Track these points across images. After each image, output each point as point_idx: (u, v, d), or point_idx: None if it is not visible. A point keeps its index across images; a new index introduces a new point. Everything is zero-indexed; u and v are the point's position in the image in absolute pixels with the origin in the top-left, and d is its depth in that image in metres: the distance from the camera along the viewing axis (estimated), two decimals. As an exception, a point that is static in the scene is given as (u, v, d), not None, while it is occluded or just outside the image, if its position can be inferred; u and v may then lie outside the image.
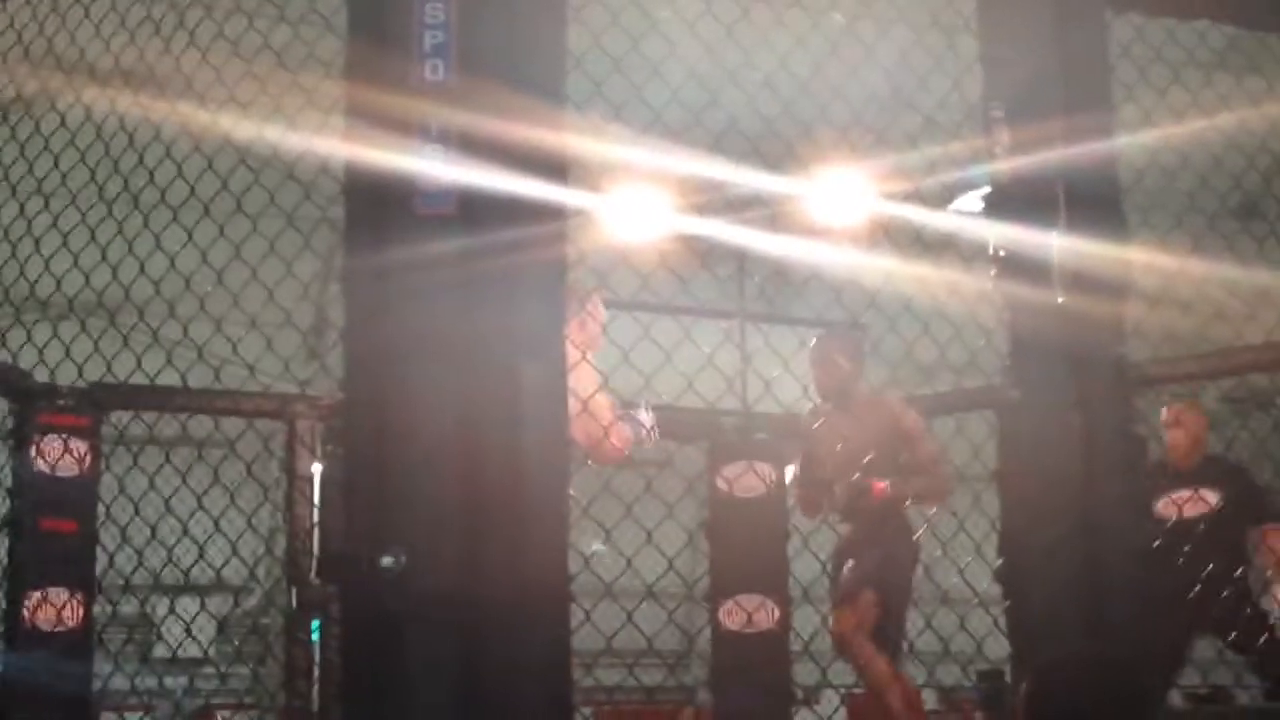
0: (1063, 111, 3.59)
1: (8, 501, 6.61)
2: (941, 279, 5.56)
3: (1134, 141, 4.31)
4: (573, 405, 6.06)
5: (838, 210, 8.60)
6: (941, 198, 5.58)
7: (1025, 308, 3.67)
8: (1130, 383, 3.83)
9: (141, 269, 5.78)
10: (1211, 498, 7.13)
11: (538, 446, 2.89)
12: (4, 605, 6.49)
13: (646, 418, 6.27)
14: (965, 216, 4.22)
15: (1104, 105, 3.71)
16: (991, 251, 3.74)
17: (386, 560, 2.43)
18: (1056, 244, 3.54)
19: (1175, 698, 8.16)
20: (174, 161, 5.86)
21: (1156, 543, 6.26)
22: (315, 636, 6.89)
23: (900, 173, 6.21)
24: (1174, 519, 6.80)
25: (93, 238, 6.05)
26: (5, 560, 6.53)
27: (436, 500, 2.80)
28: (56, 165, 6.11)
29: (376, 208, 2.91)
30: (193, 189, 5.68)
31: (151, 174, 5.88)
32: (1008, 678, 4.63)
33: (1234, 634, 6.58)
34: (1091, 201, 3.61)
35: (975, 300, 4.82)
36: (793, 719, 8.06)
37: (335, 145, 3.42)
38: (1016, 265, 3.65)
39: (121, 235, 5.97)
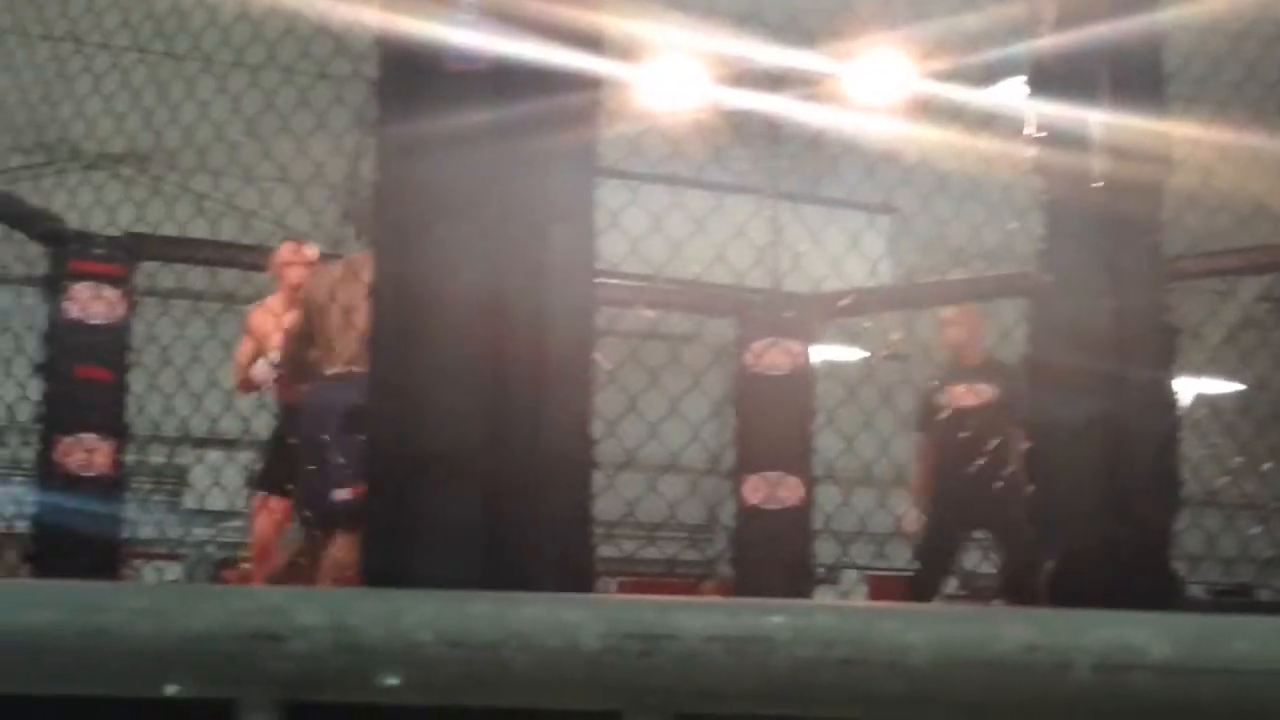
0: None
1: (42, 347, 6.65)
2: (978, 160, 5.49)
3: (1181, 21, 4.23)
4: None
5: (875, 87, 8.49)
6: (982, 77, 5.50)
7: (1062, 191, 3.62)
8: (1166, 271, 3.79)
9: (173, 117, 5.74)
10: (986, 392, 7.26)
11: (564, 309, 2.87)
12: (37, 448, 6.56)
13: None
14: (1005, 96, 4.16)
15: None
16: (1030, 133, 3.68)
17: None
18: (1097, 126, 3.49)
19: (1199, 592, 8.19)
20: (207, 9, 5.81)
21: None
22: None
23: (941, 49, 6.12)
24: (952, 410, 7.14)
25: (125, 84, 6.01)
26: (39, 405, 6.59)
27: (462, 359, 2.80)
28: (91, 9, 6.05)
29: (408, 66, 2.87)
30: (225, 38, 5.63)
31: (185, 22, 5.83)
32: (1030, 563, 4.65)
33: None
34: (1134, 83, 3.55)
35: (1011, 183, 4.77)
36: (812, 595, 8.13)
37: (369, 3, 3.37)
38: (1055, 148, 3.60)
39: (154, 82, 5.93)
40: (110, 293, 6.48)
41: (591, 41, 2.90)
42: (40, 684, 1.01)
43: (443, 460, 2.77)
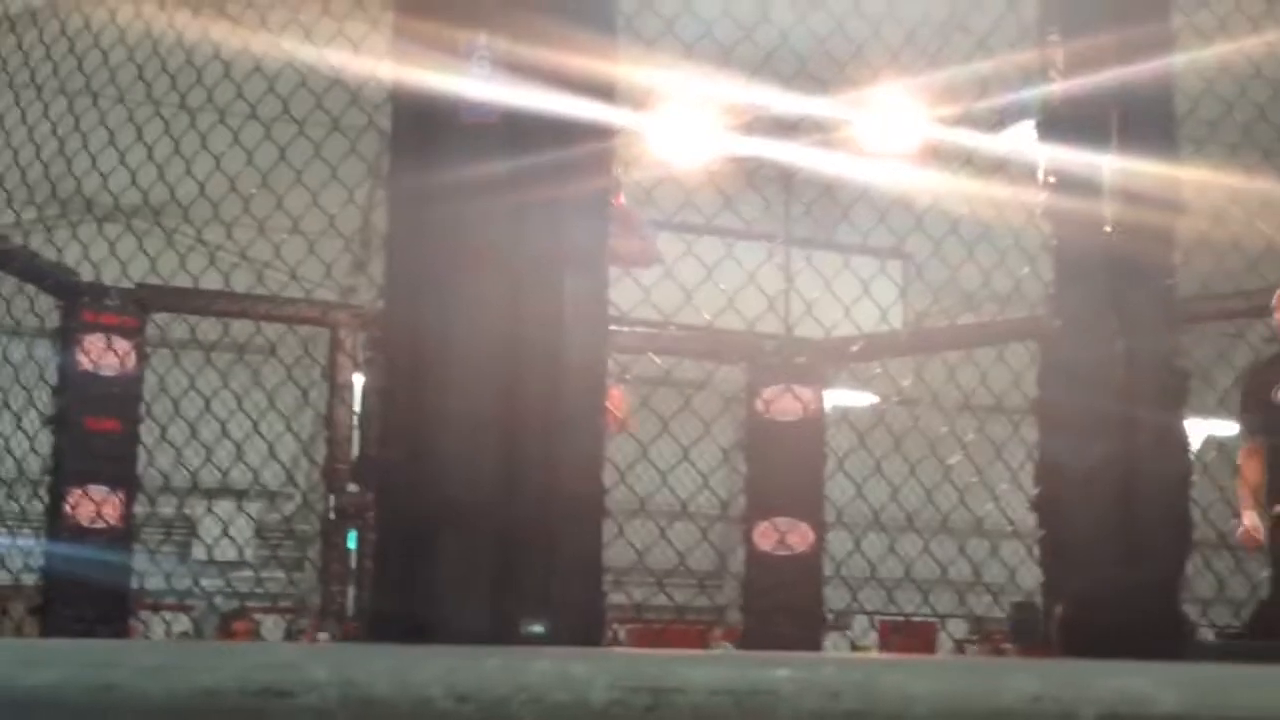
0: (1119, 31, 3.52)
1: (52, 398, 6.66)
2: (989, 205, 5.50)
3: (1191, 65, 4.24)
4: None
5: (887, 133, 8.52)
6: (993, 123, 5.52)
7: (1072, 235, 3.62)
8: (1177, 315, 3.78)
9: (187, 170, 5.78)
10: None
11: (577, 360, 2.88)
12: (47, 500, 6.57)
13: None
14: (1016, 141, 4.17)
15: (1162, 24, 3.64)
16: (1041, 178, 3.68)
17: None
18: (1108, 170, 3.49)
19: (1209, 635, 8.13)
20: (222, 63, 5.85)
21: None
22: (351, 544, 6.96)
23: (952, 95, 6.14)
24: None
25: (139, 137, 6.05)
26: (49, 457, 6.60)
27: (475, 410, 2.80)
28: (105, 63, 6.10)
29: (422, 118, 2.89)
30: (240, 91, 5.67)
31: (199, 75, 5.87)
32: (1039, 608, 4.63)
33: None
34: (1145, 127, 3.56)
35: (1021, 227, 4.78)
36: (823, 642, 8.09)
37: (382, 57, 3.40)
38: (1065, 192, 3.60)
39: (168, 136, 5.97)
40: (122, 344, 6.50)
41: (604, 92, 2.91)
42: (53, 741, 1.01)
43: (455, 507, 2.76)
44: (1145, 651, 3.06)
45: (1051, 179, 3.63)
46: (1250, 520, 6.62)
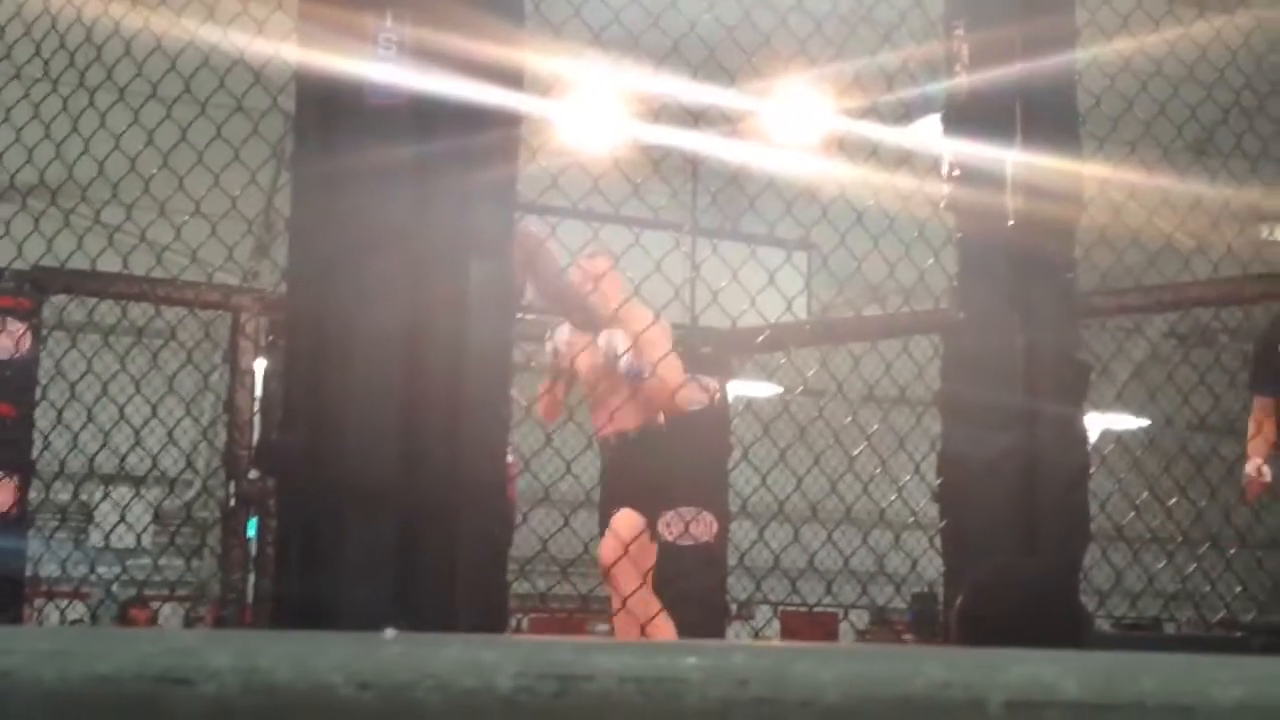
0: (1023, 25, 3.56)
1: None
2: (894, 197, 5.55)
3: (1093, 62, 4.31)
4: (646, 367, 6.44)
5: (793, 125, 8.56)
6: (899, 116, 5.56)
7: (975, 229, 3.66)
8: (1077, 309, 3.84)
9: (86, 149, 5.69)
10: None
11: (482, 346, 2.87)
12: (-63, 486, 6.45)
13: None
14: (922, 134, 4.21)
15: (1066, 19, 3.69)
16: (945, 171, 3.72)
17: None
18: (1011, 165, 3.53)
19: (1106, 626, 8.26)
20: (122, 40, 5.76)
21: None
22: (252, 532, 6.89)
23: (858, 88, 6.18)
24: None
25: (36, 115, 5.95)
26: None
27: (378, 394, 2.78)
28: (1, 38, 5.99)
29: (327, 100, 2.86)
30: (140, 69, 5.58)
31: (99, 52, 5.78)
32: (940, 599, 4.68)
33: None
34: (1048, 122, 3.60)
35: (926, 220, 4.82)
36: (727, 631, 8.14)
37: (287, 37, 3.36)
38: (969, 185, 3.64)
39: (66, 114, 5.88)
40: (16, 327, 6.40)
41: (512, 78, 2.90)
42: (-61, 728, 0.98)
43: (357, 492, 2.75)
44: (1043, 642, 3.09)
45: (956, 172, 3.66)
46: (1254, 466, 6.71)
